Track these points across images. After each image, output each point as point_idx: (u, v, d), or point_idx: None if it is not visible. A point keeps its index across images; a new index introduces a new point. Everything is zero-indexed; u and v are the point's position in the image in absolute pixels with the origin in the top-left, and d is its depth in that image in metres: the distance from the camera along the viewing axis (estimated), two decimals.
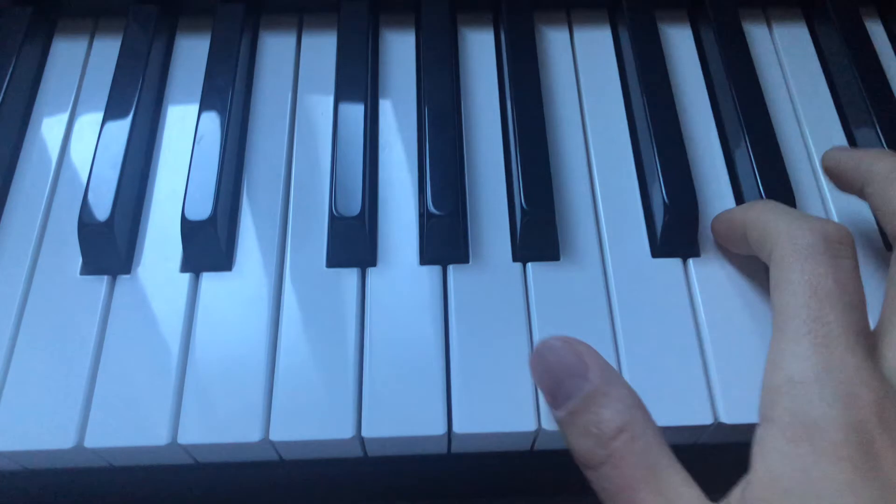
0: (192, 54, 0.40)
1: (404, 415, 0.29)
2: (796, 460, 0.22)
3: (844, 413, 0.22)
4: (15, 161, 0.36)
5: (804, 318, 0.24)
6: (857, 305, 0.25)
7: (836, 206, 0.35)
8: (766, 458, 0.23)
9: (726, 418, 0.29)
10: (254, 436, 0.29)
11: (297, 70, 0.40)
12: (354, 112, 0.36)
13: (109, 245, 0.32)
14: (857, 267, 0.26)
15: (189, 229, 0.32)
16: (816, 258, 0.26)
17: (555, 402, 0.27)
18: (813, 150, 0.37)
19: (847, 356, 0.23)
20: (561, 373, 0.27)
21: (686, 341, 0.31)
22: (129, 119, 0.35)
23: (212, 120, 0.35)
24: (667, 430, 0.29)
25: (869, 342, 0.24)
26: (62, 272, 0.33)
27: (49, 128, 0.38)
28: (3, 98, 0.36)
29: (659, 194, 0.33)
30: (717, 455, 0.30)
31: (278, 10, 0.42)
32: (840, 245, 0.26)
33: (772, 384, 0.24)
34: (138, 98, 0.36)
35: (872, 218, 0.34)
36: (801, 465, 0.22)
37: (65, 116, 0.38)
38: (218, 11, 0.39)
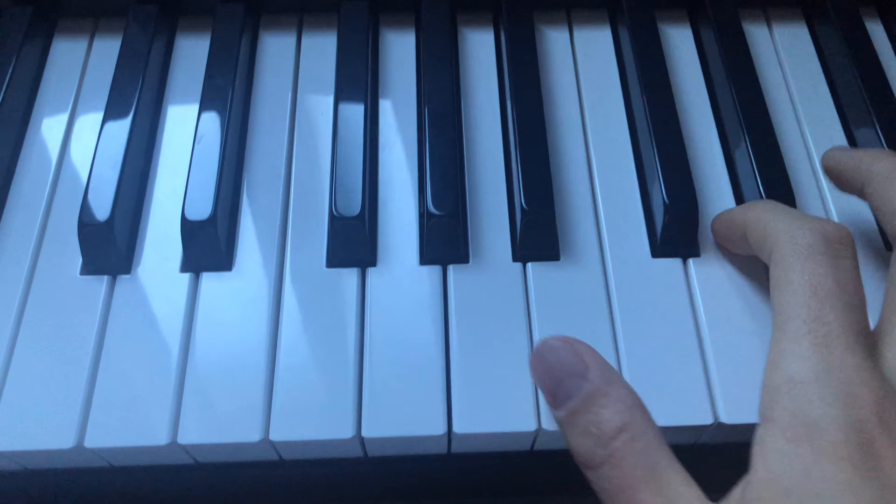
0: (192, 54, 0.40)
1: (404, 415, 0.29)
2: (796, 460, 0.22)
3: (844, 413, 0.22)
4: (15, 161, 0.36)
5: (804, 318, 0.24)
6: (857, 305, 0.25)
7: (836, 206, 0.35)
8: (766, 457, 0.23)
9: (726, 418, 0.29)
10: (254, 436, 0.29)
11: (297, 70, 0.40)
12: (354, 112, 0.36)
13: (109, 245, 0.32)
14: (857, 267, 0.26)
15: (189, 229, 0.32)
16: (816, 258, 0.26)
17: (555, 402, 0.27)
18: (813, 150, 0.37)
19: (847, 356, 0.23)
20: (561, 373, 0.27)
21: (686, 341, 0.31)
22: (129, 119, 0.35)
23: (212, 120, 0.35)
24: (667, 430, 0.29)
25: (869, 342, 0.24)
26: (62, 272, 0.33)
27: (49, 128, 0.38)
28: (3, 98, 0.36)
29: (659, 194, 0.33)
30: (717, 455, 0.30)
31: (278, 10, 0.42)
32: (840, 245, 0.26)
33: (772, 384, 0.24)
34: (138, 98, 0.36)
35: (872, 218, 0.34)
36: (801, 465, 0.22)
37: (65, 116, 0.38)
38: (218, 11, 0.39)
